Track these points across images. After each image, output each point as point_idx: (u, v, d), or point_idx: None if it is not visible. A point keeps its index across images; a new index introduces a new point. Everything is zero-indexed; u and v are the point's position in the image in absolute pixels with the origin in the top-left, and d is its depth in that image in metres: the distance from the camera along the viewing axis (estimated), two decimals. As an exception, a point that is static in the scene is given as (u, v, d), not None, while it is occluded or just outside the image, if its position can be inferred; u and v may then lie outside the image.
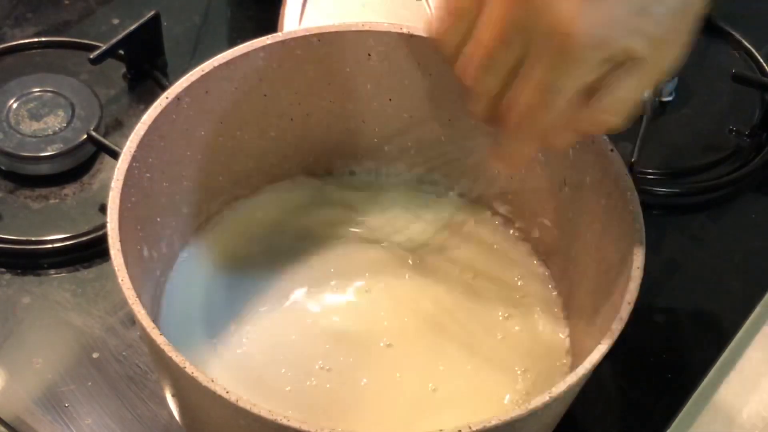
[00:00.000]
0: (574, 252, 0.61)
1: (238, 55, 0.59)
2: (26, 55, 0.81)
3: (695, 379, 0.65)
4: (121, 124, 0.76)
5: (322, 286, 0.63)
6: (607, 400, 0.64)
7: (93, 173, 0.73)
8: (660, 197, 0.75)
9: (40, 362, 0.63)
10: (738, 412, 0.65)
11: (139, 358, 0.63)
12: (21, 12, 0.84)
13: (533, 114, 0.46)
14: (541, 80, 0.44)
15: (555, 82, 0.43)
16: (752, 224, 0.75)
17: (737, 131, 0.79)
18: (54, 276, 0.67)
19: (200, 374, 0.46)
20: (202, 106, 0.59)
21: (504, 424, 0.46)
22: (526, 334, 0.61)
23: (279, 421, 0.45)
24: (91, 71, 0.78)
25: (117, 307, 0.65)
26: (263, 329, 0.61)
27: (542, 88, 0.44)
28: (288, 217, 0.66)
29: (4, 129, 0.73)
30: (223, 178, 0.64)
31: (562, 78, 0.43)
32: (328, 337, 0.60)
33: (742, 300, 0.69)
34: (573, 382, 0.48)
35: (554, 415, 0.54)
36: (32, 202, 0.71)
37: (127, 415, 0.61)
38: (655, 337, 0.67)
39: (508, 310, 0.62)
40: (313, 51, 0.61)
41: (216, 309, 0.61)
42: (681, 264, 0.72)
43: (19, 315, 0.65)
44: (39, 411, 0.60)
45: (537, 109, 0.45)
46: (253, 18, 0.86)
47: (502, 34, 0.44)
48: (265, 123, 0.64)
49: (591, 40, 0.42)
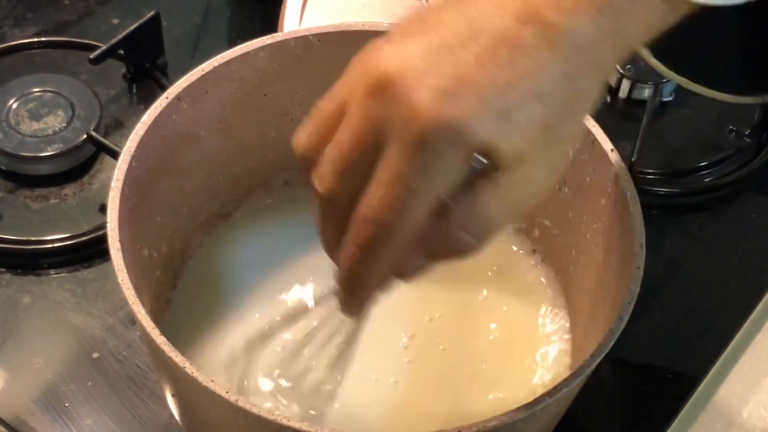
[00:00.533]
0: (574, 252, 0.61)
1: (238, 55, 0.59)
2: (26, 55, 0.81)
3: (695, 379, 0.65)
4: (121, 124, 0.76)
5: (325, 284, 0.63)
6: (607, 400, 0.64)
7: (93, 173, 0.73)
8: (660, 197, 0.75)
9: (40, 362, 0.63)
10: (738, 412, 0.65)
11: (139, 358, 0.63)
12: (21, 12, 0.84)
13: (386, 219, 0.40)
14: (395, 177, 0.39)
15: (411, 179, 0.39)
16: (752, 224, 0.75)
17: (737, 131, 0.79)
18: (54, 276, 0.67)
19: (200, 374, 0.46)
20: (202, 106, 0.59)
21: (504, 424, 0.46)
22: (526, 334, 0.61)
23: (279, 421, 0.45)
24: (91, 71, 0.78)
25: (117, 307, 0.65)
26: (266, 329, 0.61)
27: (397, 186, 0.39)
28: (289, 218, 0.66)
29: (4, 129, 0.73)
30: (223, 178, 0.64)
31: (418, 174, 0.39)
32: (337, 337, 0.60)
33: (742, 300, 0.69)
34: (573, 382, 0.48)
35: (554, 415, 0.54)
36: (32, 202, 0.71)
37: (127, 415, 0.61)
38: (655, 337, 0.67)
39: (507, 310, 0.62)
40: (313, 51, 0.61)
41: (217, 309, 0.61)
42: (681, 264, 0.72)
43: (19, 315, 0.65)
44: (39, 411, 0.60)
45: (390, 212, 0.40)
46: (253, 18, 0.86)
47: (359, 131, 0.40)
48: (265, 123, 0.64)
49: (446, 132, 0.38)
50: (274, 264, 0.63)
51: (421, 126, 0.38)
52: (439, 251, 0.43)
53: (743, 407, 0.65)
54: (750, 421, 0.64)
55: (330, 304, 0.62)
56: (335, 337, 0.60)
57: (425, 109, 0.38)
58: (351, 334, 0.54)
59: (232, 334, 0.60)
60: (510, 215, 0.42)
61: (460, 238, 0.41)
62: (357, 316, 0.46)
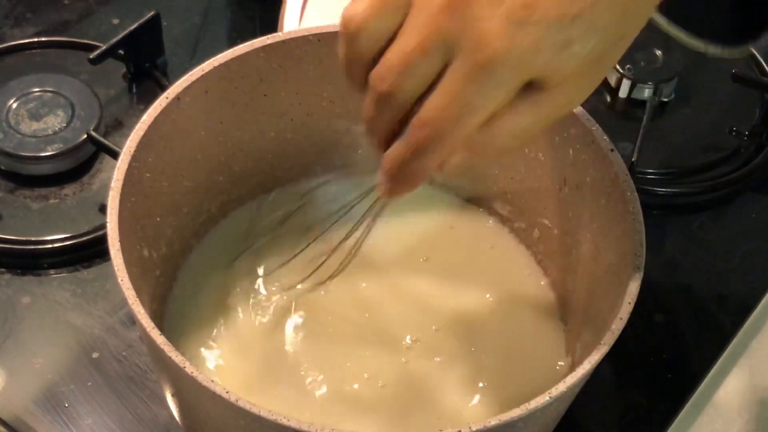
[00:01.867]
0: (575, 252, 0.61)
1: (238, 55, 0.59)
2: (26, 55, 0.81)
3: (695, 379, 0.65)
4: (121, 124, 0.76)
5: (326, 285, 0.63)
6: (607, 400, 0.64)
7: (93, 173, 0.73)
8: (660, 197, 0.75)
9: (40, 362, 0.63)
10: (738, 412, 0.65)
11: (139, 358, 0.63)
12: (21, 12, 0.84)
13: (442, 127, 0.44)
14: (458, 92, 0.43)
15: (471, 97, 0.43)
16: (752, 224, 0.75)
17: (737, 131, 0.79)
18: (54, 276, 0.67)
19: (200, 374, 0.46)
20: (202, 106, 0.59)
21: (504, 424, 0.46)
22: (526, 334, 0.61)
23: (279, 421, 0.45)
24: (91, 71, 0.78)
25: (117, 307, 0.65)
26: (265, 329, 0.61)
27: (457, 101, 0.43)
28: (290, 217, 0.66)
29: (4, 129, 0.73)
30: (223, 178, 0.64)
31: (479, 94, 0.43)
32: (339, 337, 0.60)
33: (742, 300, 0.69)
34: (573, 382, 0.48)
35: (554, 415, 0.54)
36: (32, 202, 0.71)
37: (127, 415, 0.61)
38: (655, 337, 0.67)
39: (507, 310, 0.62)
40: (313, 51, 0.61)
41: (217, 309, 0.61)
42: (681, 264, 0.72)
43: (19, 315, 0.65)
44: (39, 411, 0.60)
45: (447, 122, 0.44)
46: (253, 18, 0.86)
47: (426, 41, 0.43)
48: (265, 123, 0.64)
49: (512, 60, 0.42)
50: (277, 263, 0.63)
51: (490, 52, 0.42)
52: (481, 152, 0.46)
53: (743, 407, 0.65)
54: (750, 420, 0.64)
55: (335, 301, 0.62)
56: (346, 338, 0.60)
57: (496, 36, 0.41)
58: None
59: (233, 333, 0.60)
60: (545, 125, 0.45)
61: (501, 143, 0.45)
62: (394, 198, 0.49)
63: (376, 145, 0.48)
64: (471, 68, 0.42)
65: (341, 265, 0.63)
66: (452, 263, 0.65)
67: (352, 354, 0.60)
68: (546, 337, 0.62)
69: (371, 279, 0.64)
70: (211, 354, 0.59)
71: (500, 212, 0.67)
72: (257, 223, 0.66)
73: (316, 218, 0.64)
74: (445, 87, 0.43)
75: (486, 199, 0.67)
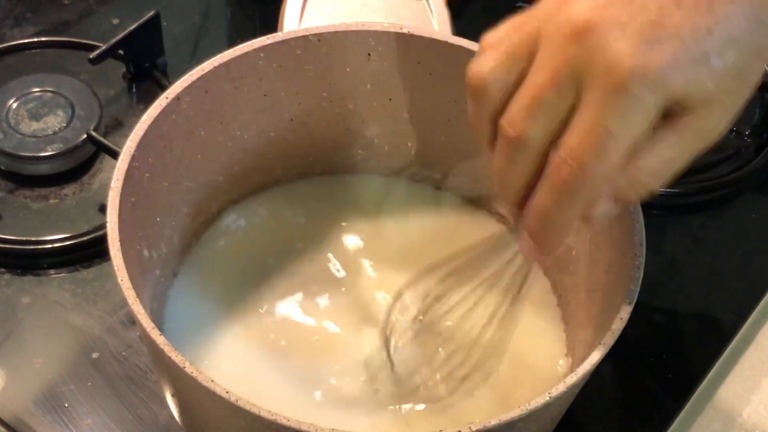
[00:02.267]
0: (574, 252, 0.61)
1: (238, 55, 0.59)
2: (26, 55, 0.81)
3: (695, 379, 0.65)
4: (121, 124, 0.76)
5: (325, 284, 0.63)
6: (607, 400, 0.64)
7: (93, 173, 0.73)
8: (660, 197, 0.75)
9: (40, 362, 0.63)
10: (738, 412, 0.65)
11: (139, 358, 0.63)
12: (21, 12, 0.84)
13: (584, 162, 0.40)
14: (596, 121, 0.40)
15: (611, 123, 0.40)
16: (752, 224, 0.75)
17: (737, 131, 0.79)
18: (54, 276, 0.67)
19: (200, 374, 0.46)
20: (202, 106, 0.59)
21: (504, 424, 0.46)
22: (526, 335, 0.61)
23: (279, 421, 0.45)
24: (91, 71, 0.78)
25: (117, 307, 0.65)
26: (265, 329, 0.61)
27: (597, 129, 0.40)
28: (289, 217, 0.66)
29: (4, 129, 0.73)
30: (223, 178, 0.64)
31: (619, 119, 0.39)
32: (339, 336, 0.60)
33: (742, 300, 0.69)
34: (573, 382, 0.48)
35: (554, 415, 0.54)
36: (32, 202, 0.71)
37: (127, 415, 0.61)
38: (655, 337, 0.67)
39: (507, 310, 0.62)
40: (313, 51, 0.61)
41: (217, 309, 0.61)
42: (681, 264, 0.72)
43: (19, 315, 0.65)
44: (39, 411, 0.60)
45: (589, 156, 0.40)
46: (253, 18, 0.86)
47: (556, 74, 0.40)
48: (265, 123, 0.64)
49: (649, 78, 0.39)
50: (276, 264, 0.63)
51: (623, 74, 0.39)
52: (624, 195, 0.43)
53: (743, 407, 0.65)
54: (750, 421, 0.64)
55: (334, 301, 0.62)
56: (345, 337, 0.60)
57: (628, 57, 0.39)
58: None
59: (233, 334, 0.60)
60: (690, 156, 0.42)
61: (645, 181, 0.42)
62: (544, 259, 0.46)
63: (511, 202, 0.45)
64: (607, 93, 0.39)
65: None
66: (451, 263, 0.65)
67: (351, 354, 0.60)
68: (546, 337, 0.62)
69: (371, 279, 0.64)
70: (211, 354, 0.59)
71: (500, 212, 0.66)
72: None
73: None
74: (582, 117, 0.40)
75: (486, 199, 0.67)
